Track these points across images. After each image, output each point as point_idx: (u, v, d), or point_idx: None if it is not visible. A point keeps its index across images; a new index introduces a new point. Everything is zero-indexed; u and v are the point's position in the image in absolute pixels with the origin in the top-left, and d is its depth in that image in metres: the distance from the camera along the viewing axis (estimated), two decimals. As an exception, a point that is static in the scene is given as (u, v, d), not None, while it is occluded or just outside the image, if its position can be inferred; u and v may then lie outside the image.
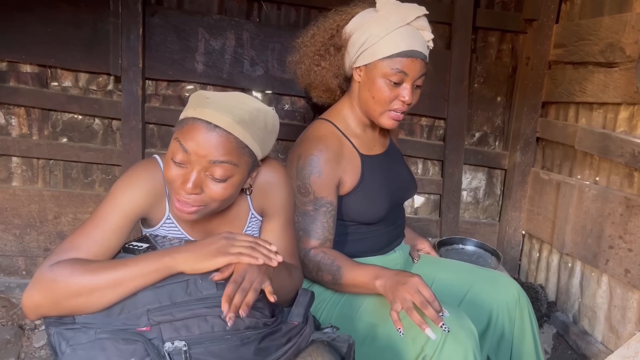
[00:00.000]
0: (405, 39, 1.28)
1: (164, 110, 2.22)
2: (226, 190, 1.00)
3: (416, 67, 1.29)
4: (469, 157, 2.45)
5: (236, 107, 0.99)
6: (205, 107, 0.97)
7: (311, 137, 1.37)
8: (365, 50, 1.31)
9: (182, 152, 0.97)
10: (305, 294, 1.14)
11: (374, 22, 1.30)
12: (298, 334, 1.03)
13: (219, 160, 0.97)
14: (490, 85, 2.44)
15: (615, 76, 1.90)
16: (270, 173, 1.16)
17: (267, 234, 1.18)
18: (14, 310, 2.13)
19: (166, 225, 1.12)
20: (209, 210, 1.03)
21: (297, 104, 2.33)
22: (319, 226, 1.32)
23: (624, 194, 1.84)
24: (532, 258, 2.45)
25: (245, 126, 0.98)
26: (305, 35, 1.44)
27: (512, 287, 1.44)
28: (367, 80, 1.33)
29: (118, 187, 1.04)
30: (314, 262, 1.31)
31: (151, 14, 2.12)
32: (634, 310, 1.80)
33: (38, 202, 2.20)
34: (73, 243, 0.97)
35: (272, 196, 1.16)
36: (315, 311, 1.36)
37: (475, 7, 2.29)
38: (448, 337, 1.12)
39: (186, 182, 0.97)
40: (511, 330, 1.42)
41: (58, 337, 0.91)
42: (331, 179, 1.33)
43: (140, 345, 0.89)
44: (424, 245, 1.65)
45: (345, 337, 1.07)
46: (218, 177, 0.98)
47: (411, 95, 1.31)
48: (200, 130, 0.96)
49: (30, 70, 2.13)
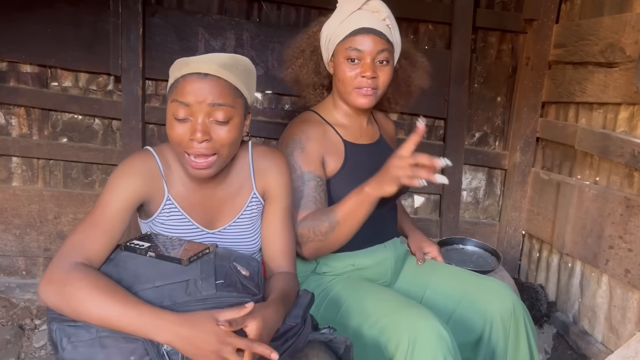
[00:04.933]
0: (356, 19, 1.35)
1: (164, 110, 2.21)
2: (230, 132, 1.07)
3: (369, 42, 1.34)
4: (469, 157, 2.45)
5: (216, 57, 1.08)
6: (190, 64, 1.05)
7: (295, 122, 1.47)
8: (329, 42, 1.41)
9: (182, 107, 1.04)
10: (306, 295, 1.14)
11: (333, 16, 1.40)
12: (295, 334, 1.03)
13: (217, 102, 1.04)
14: (490, 85, 2.44)
15: (615, 76, 1.90)
16: (273, 157, 1.24)
17: (269, 216, 1.23)
18: (14, 310, 2.13)
19: (167, 208, 1.14)
20: (222, 159, 1.09)
21: (297, 104, 2.33)
22: (310, 199, 1.33)
23: (624, 194, 1.84)
24: (532, 258, 2.46)
25: (229, 69, 1.06)
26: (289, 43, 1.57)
27: (507, 298, 1.40)
28: (335, 68, 1.41)
29: (115, 176, 1.08)
30: (306, 226, 1.30)
31: (151, 14, 2.12)
32: (634, 310, 1.80)
33: (38, 202, 2.20)
34: (83, 233, 1.02)
35: (274, 177, 1.22)
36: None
37: (475, 7, 2.29)
38: (417, 343, 1.12)
39: (195, 131, 1.03)
40: (505, 342, 1.39)
41: (60, 333, 0.93)
42: (315, 154, 1.37)
43: (140, 344, 0.90)
44: (431, 249, 1.62)
45: (342, 339, 1.07)
46: (221, 119, 1.05)
47: (372, 70, 1.34)
48: (193, 81, 1.04)
49: (30, 70, 2.13)
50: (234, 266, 1.04)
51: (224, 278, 1.00)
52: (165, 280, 0.96)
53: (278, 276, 1.18)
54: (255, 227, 1.23)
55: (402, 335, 1.14)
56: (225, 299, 0.97)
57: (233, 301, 0.97)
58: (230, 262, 1.05)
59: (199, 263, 1.02)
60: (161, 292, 0.95)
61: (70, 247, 0.99)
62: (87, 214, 1.07)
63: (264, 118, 2.29)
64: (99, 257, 1.01)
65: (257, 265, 1.11)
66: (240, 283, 1.02)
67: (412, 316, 1.18)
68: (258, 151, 1.24)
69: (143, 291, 0.95)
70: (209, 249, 1.07)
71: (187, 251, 1.05)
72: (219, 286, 0.97)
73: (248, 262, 1.09)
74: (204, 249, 1.06)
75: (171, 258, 1.02)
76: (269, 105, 2.32)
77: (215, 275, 0.99)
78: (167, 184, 1.14)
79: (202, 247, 1.08)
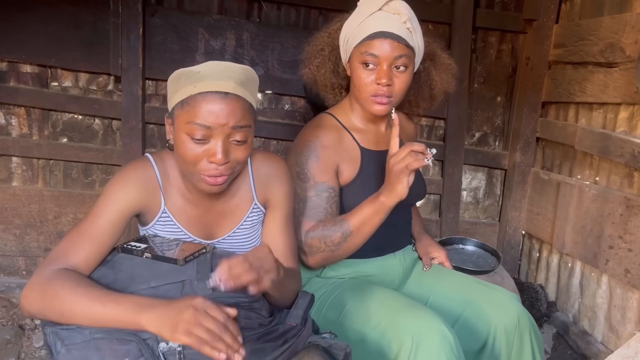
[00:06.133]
0: (374, 22, 1.28)
1: (164, 110, 2.22)
2: (247, 150, 1.06)
3: (386, 47, 1.27)
4: (469, 157, 2.45)
5: (231, 72, 1.02)
6: (205, 80, 0.99)
7: (310, 126, 1.41)
8: (347, 43, 1.35)
9: (202, 129, 0.98)
10: (305, 296, 1.14)
11: (353, 15, 1.34)
12: (295, 335, 1.03)
13: (239, 125, 1.01)
14: (490, 85, 2.44)
15: (615, 76, 1.90)
16: (272, 164, 1.21)
17: (270, 224, 1.21)
18: (14, 310, 2.13)
19: (162, 220, 1.12)
20: (235, 174, 1.08)
21: (297, 104, 2.33)
22: (322, 211, 1.30)
23: (624, 194, 1.84)
24: (532, 258, 2.45)
25: (245, 86, 1.03)
26: (310, 40, 1.50)
27: (511, 310, 1.35)
28: (351, 71, 1.36)
29: (111, 185, 1.06)
30: (317, 236, 1.28)
31: (151, 14, 2.12)
32: (634, 310, 1.80)
33: (38, 202, 2.20)
34: (70, 242, 1.00)
35: (275, 186, 1.20)
36: None
37: (475, 7, 2.29)
38: (421, 344, 1.11)
39: (215, 154, 1.00)
40: (509, 354, 1.35)
41: (53, 336, 0.92)
42: (329, 164, 1.33)
43: (134, 346, 0.89)
44: (439, 254, 1.58)
45: (343, 345, 1.06)
46: (240, 139, 1.02)
47: (388, 77, 1.28)
48: (213, 101, 0.98)
49: (30, 70, 2.13)
50: None
51: None
52: (161, 281, 0.96)
53: None
54: (255, 235, 1.22)
55: (406, 336, 1.13)
56: (221, 298, 0.96)
57: (229, 301, 0.96)
58: None
59: (195, 263, 1.02)
60: (157, 292, 0.95)
61: (55, 255, 0.99)
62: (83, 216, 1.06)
63: (264, 118, 2.29)
64: (85, 266, 1.00)
65: None
66: None
67: (416, 317, 1.17)
68: (257, 159, 1.21)
69: (139, 292, 0.95)
70: (205, 249, 1.07)
71: (183, 251, 1.05)
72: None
73: None
74: (200, 249, 1.06)
75: (167, 258, 1.02)
76: (269, 105, 2.32)
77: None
78: (165, 196, 1.11)
79: (199, 247, 1.07)
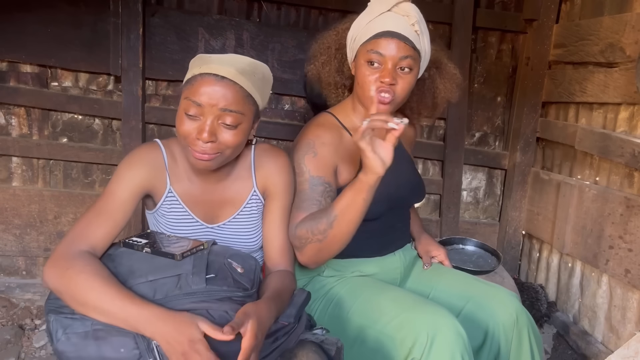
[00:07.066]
0: (383, 21, 1.28)
1: (164, 110, 2.23)
2: (237, 136, 1.09)
3: (393, 47, 1.27)
4: (469, 157, 2.45)
5: (236, 61, 1.10)
6: (210, 63, 1.07)
7: (310, 125, 1.41)
8: (354, 42, 1.35)
9: (194, 106, 1.06)
10: (301, 293, 1.14)
11: (362, 15, 1.34)
12: (286, 333, 1.04)
13: (228, 108, 1.06)
14: (490, 85, 2.44)
15: (615, 76, 1.90)
16: (274, 155, 1.25)
17: (268, 214, 1.25)
18: (14, 310, 2.13)
19: (168, 200, 1.17)
20: (224, 157, 1.11)
21: (297, 104, 2.33)
22: (314, 203, 1.27)
23: (624, 194, 1.84)
24: (532, 258, 2.45)
25: (247, 76, 1.08)
26: (317, 37, 1.50)
27: (510, 307, 1.36)
28: (356, 70, 1.35)
29: (122, 166, 1.13)
30: (304, 226, 1.24)
31: (151, 14, 2.12)
32: (634, 310, 1.80)
33: (38, 202, 2.20)
34: (88, 220, 1.07)
35: (275, 176, 1.24)
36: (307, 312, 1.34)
37: (475, 7, 2.29)
38: (435, 340, 1.11)
39: (202, 132, 1.05)
40: (507, 351, 1.36)
41: (56, 324, 0.96)
42: (327, 161, 1.32)
43: (131, 338, 0.94)
44: (439, 253, 1.59)
45: (334, 340, 1.07)
46: (229, 124, 1.07)
47: (391, 76, 1.27)
48: (209, 82, 1.05)
49: (30, 70, 2.14)
50: (229, 262, 1.05)
51: (216, 273, 1.01)
52: (158, 275, 0.99)
53: (274, 274, 1.18)
54: (255, 224, 1.24)
55: (421, 331, 1.13)
56: (215, 292, 0.98)
57: (223, 295, 0.98)
58: (225, 259, 1.06)
59: (192, 258, 1.04)
60: (154, 286, 0.98)
61: (75, 234, 1.04)
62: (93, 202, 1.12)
63: (264, 118, 2.29)
64: (102, 243, 1.06)
65: (254, 263, 1.11)
66: (232, 278, 1.02)
67: (431, 313, 1.17)
68: (260, 149, 1.26)
69: (137, 285, 0.98)
70: (203, 246, 1.08)
71: (182, 247, 1.07)
72: (209, 280, 0.99)
73: (244, 260, 1.09)
74: (198, 245, 1.08)
75: (165, 253, 1.04)
76: (269, 105, 2.32)
77: (207, 270, 1.01)
78: (170, 177, 1.17)
79: (198, 243, 1.09)
